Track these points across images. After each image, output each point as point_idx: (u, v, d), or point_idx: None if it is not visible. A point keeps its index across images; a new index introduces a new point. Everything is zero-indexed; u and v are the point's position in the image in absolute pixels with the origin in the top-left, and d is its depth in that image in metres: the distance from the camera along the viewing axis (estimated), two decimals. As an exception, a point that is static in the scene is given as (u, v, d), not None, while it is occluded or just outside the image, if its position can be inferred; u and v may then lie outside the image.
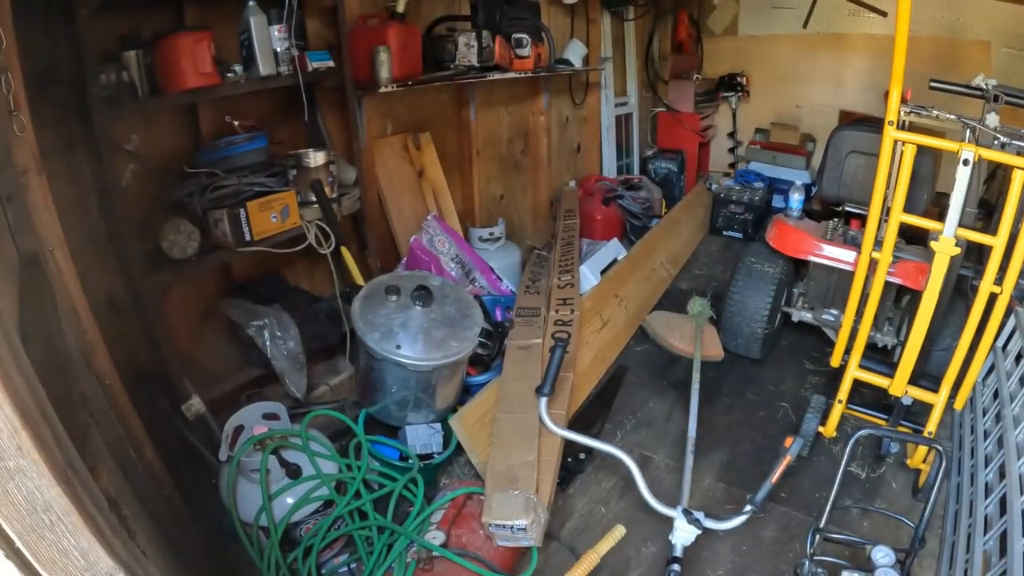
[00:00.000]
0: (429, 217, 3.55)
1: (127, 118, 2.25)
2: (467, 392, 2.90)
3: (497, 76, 3.61)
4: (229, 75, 2.39)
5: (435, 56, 3.40)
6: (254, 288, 2.76)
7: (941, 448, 2.11)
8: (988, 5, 5.50)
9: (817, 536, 2.05)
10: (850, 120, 5.08)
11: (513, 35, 3.69)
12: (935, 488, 2.04)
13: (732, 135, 6.73)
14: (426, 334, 2.55)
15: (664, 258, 4.73)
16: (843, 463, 2.14)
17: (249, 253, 2.46)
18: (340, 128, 2.99)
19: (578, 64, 4.65)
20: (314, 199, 2.70)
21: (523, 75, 3.85)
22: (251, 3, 2.39)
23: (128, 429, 1.89)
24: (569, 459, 2.79)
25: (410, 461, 2.55)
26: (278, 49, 2.49)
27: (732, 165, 6.70)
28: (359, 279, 2.86)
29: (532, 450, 2.44)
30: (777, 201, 5.73)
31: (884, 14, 5.87)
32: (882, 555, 1.96)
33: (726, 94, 6.65)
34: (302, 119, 2.62)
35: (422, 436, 2.66)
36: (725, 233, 5.68)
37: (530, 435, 2.50)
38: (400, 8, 3.01)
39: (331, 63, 2.73)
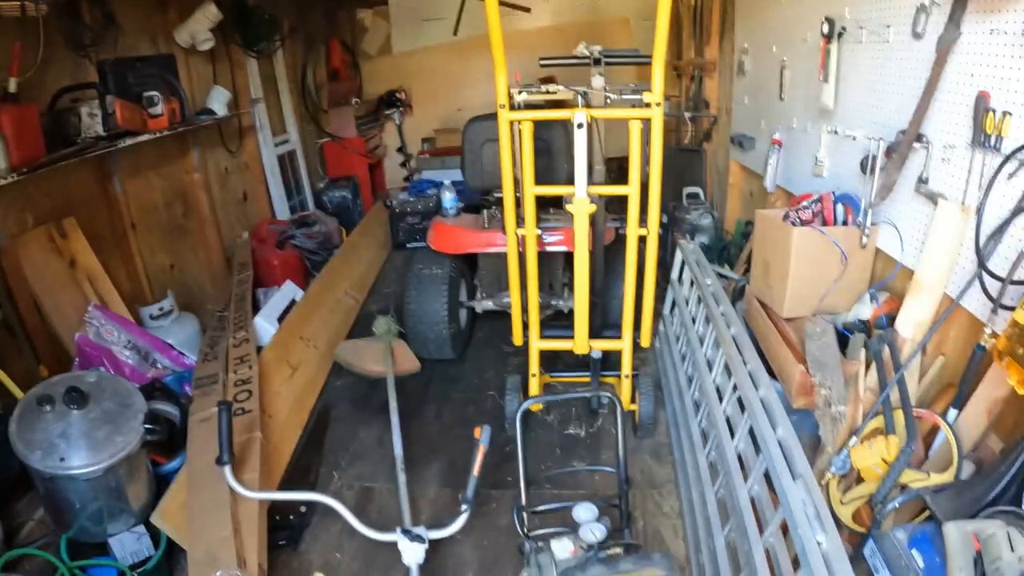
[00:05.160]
0: (90, 308, 3.47)
1: None
2: (167, 482, 2.83)
3: (131, 141, 3.60)
4: None
5: (61, 132, 3.30)
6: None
7: (611, 395, 2.48)
8: (623, -15, 6.63)
9: (524, 514, 2.19)
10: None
11: (144, 94, 3.71)
12: (620, 434, 2.33)
13: (401, 150, 7.36)
14: (88, 437, 2.48)
15: (349, 286, 5.01)
16: (519, 441, 2.37)
17: None
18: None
19: (222, 111, 4.79)
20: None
21: (162, 134, 3.86)
22: None
23: None
24: (291, 516, 2.87)
25: (127, 576, 2.53)
26: None
27: (407, 178, 7.33)
28: (21, 395, 2.76)
29: (227, 524, 2.45)
30: (454, 203, 6.33)
31: (528, 10, 6.89)
32: (584, 511, 2.08)
33: (388, 111, 7.26)
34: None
35: (129, 544, 2.63)
36: (409, 246, 6.11)
37: (221, 509, 2.51)
38: (12, 88, 2.90)
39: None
